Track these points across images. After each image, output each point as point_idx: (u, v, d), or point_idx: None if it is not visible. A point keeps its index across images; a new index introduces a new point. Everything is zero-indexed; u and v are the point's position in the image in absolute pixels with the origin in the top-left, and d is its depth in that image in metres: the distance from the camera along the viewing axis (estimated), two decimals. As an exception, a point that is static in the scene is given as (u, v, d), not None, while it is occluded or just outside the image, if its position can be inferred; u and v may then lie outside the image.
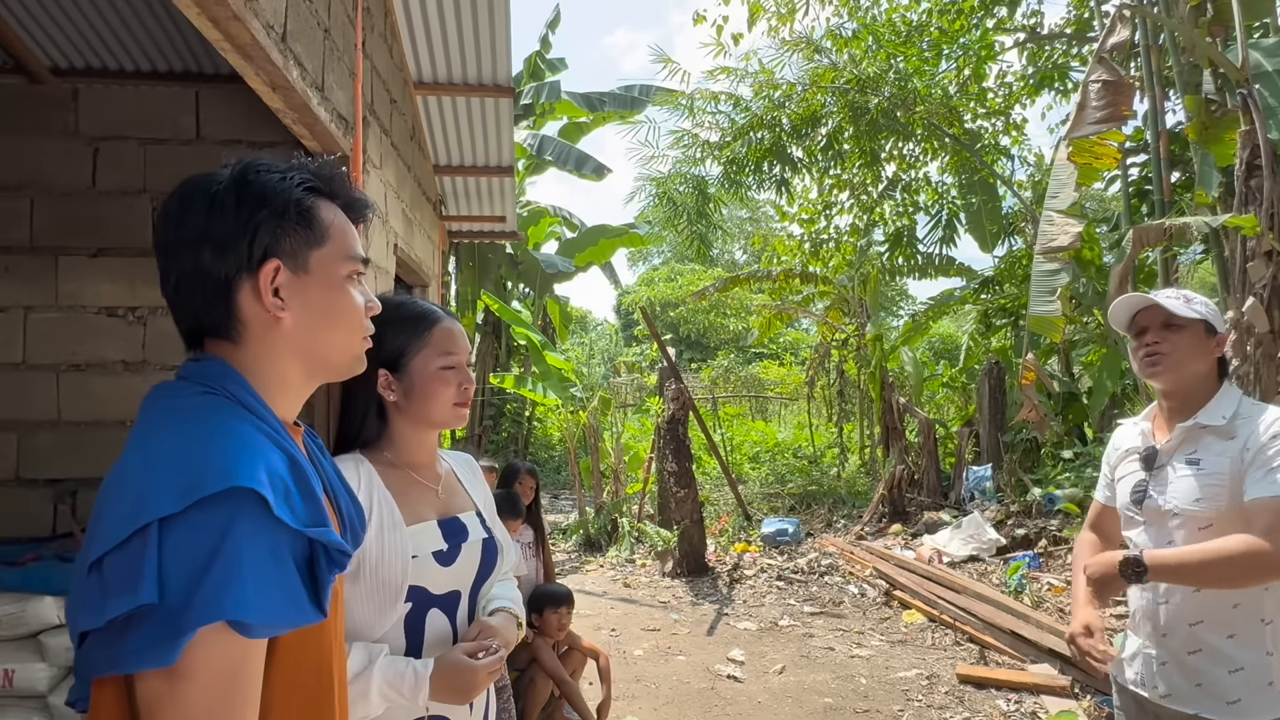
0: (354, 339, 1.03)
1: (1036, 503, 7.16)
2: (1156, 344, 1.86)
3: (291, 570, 0.83)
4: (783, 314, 12.26)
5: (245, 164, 0.98)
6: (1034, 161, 11.73)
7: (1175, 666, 1.81)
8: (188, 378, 0.93)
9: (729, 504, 9.48)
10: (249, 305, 0.94)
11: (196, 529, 0.77)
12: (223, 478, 0.78)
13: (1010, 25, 10.31)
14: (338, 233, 1.01)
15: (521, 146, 11.53)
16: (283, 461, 0.88)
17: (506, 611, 1.53)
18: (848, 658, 4.96)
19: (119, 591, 0.75)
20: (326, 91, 2.99)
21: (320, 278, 0.99)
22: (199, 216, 0.94)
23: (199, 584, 0.75)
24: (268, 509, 0.80)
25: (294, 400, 1.02)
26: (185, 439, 0.83)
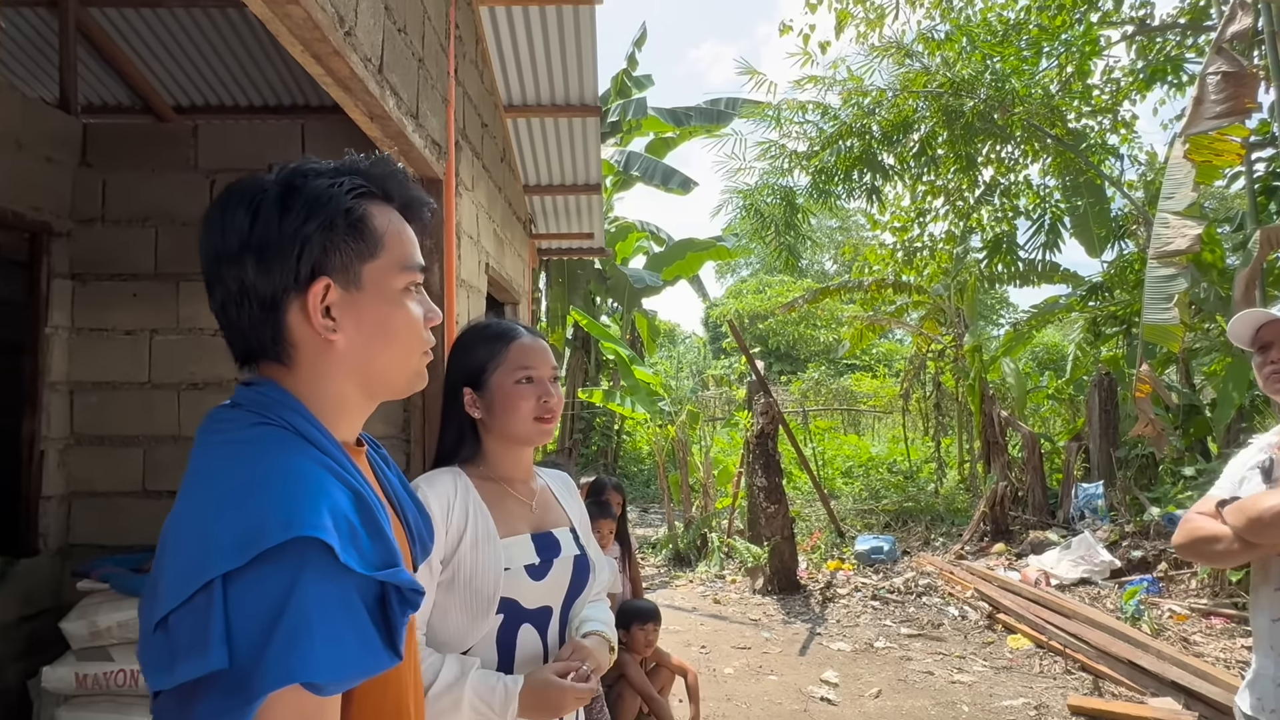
0: (412, 356, 0.96)
1: (1154, 523, 6.70)
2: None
3: (364, 617, 0.77)
4: (875, 325, 11.97)
5: (292, 168, 0.91)
6: (1145, 160, 11.07)
7: None
8: (242, 404, 0.87)
9: (821, 520, 9.28)
10: (299, 326, 0.88)
11: (261, 585, 0.72)
12: (284, 527, 0.73)
13: (1117, 18, 9.81)
14: (393, 241, 0.93)
15: (609, 163, 11.68)
16: (347, 498, 0.82)
17: (599, 635, 1.53)
18: (948, 683, 4.75)
19: (188, 654, 0.71)
20: (421, 119, 3.10)
21: (374, 293, 0.91)
22: (241, 226, 0.86)
23: (267, 645, 0.70)
24: (334, 557, 0.74)
25: (354, 421, 0.96)
26: (243, 483, 0.78)
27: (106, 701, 2.92)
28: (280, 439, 0.84)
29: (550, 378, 1.53)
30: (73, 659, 2.94)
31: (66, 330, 3.61)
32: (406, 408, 3.26)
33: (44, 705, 3.06)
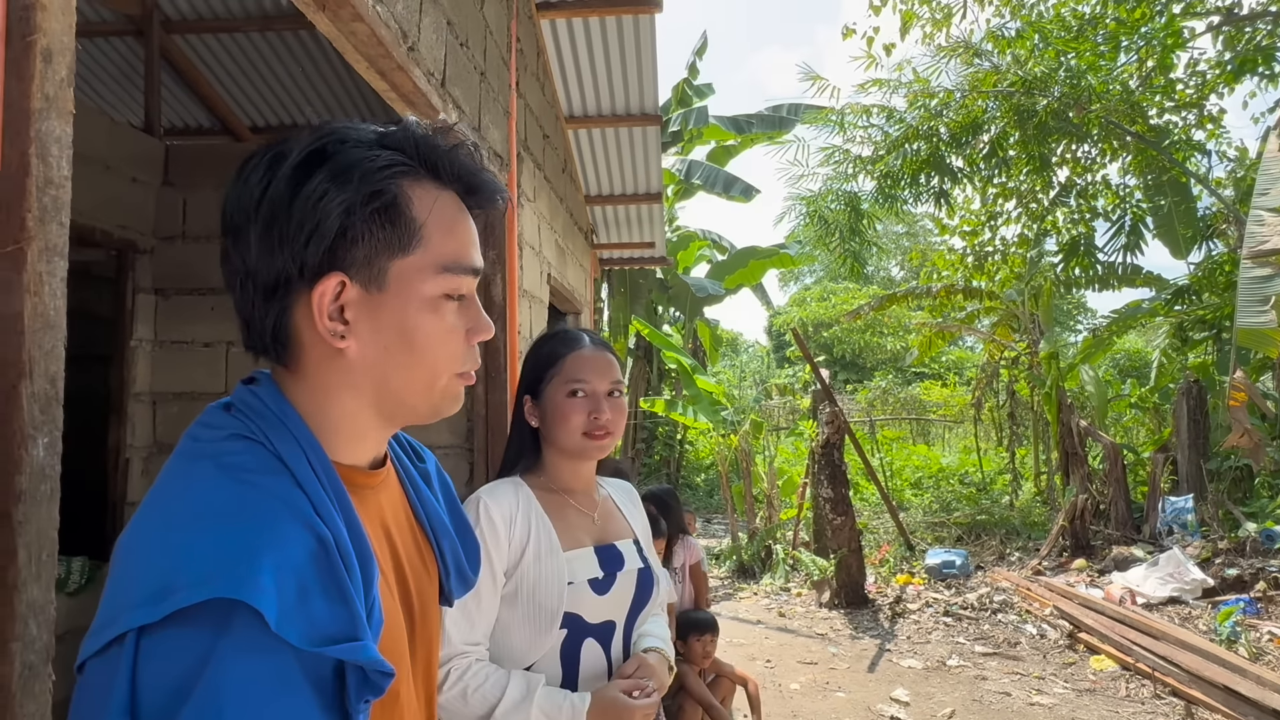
0: (439, 376, 0.77)
1: (1251, 539, 6.32)
2: None
3: (304, 697, 0.61)
4: (944, 332, 11.65)
5: (329, 129, 0.74)
6: (1235, 156, 10.51)
7: None
8: (234, 405, 0.73)
9: (889, 533, 9.04)
10: (304, 324, 0.73)
11: (171, 650, 0.58)
12: (199, 583, 0.58)
13: (1201, 8, 9.36)
14: (435, 233, 0.75)
15: (670, 172, 11.68)
16: (306, 550, 0.64)
17: (658, 653, 1.50)
18: (1026, 705, 4.55)
19: (90, 716, 0.59)
20: (483, 131, 3.14)
21: (400, 296, 0.73)
22: (253, 192, 0.71)
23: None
24: (265, 625, 0.59)
25: (367, 444, 0.79)
26: (179, 513, 0.65)
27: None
28: (250, 461, 0.69)
29: (607, 392, 1.49)
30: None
31: (150, 343, 3.77)
32: (470, 416, 3.30)
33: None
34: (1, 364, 0.99)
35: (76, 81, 1.08)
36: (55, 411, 1.04)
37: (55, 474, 1.05)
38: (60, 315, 1.06)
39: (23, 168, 1.01)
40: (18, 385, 0.99)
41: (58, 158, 1.05)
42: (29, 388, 1.00)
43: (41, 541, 1.03)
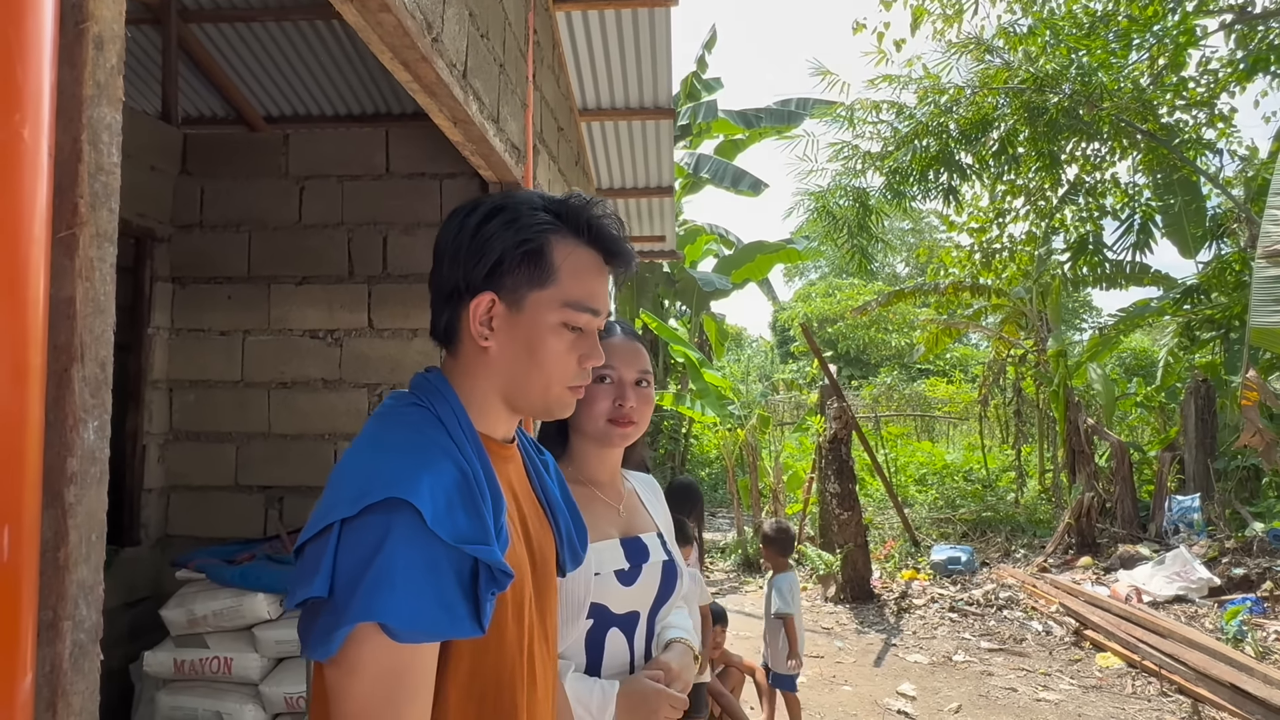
0: (553, 385, 1.02)
1: (1258, 539, 6.33)
2: None
3: (450, 582, 0.85)
4: (951, 329, 11.64)
5: (513, 194, 1.04)
6: (1246, 155, 10.47)
7: None
8: (413, 388, 1.02)
9: (894, 528, 9.06)
10: (465, 325, 1.01)
11: (362, 533, 0.83)
12: (386, 487, 0.84)
13: (1214, 6, 9.32)
14: (567, 277, 1.01)
15: (679, 166, 11.67)
16: (453, 476, 0.90)
17: (684, 644, 1.51)
18: (1033, 701, 4.58)
19: (304, 580, 0.83)
20: (501, 123, 3.15)
21: (532, 318, 1.00)
22: (451, 230, 1.02)
23: (357, 584, 0.81)
24: (422, 521, 0.83)
25: (501, 422, 1.05)
26: (375, 448, 0.92)
27: (202, 686, 3.04)
28: (419, 419, 0.96)
29: (634, 381, 1.49)
30: (171, 645, 3.07)
31: (167, 331, 3.79)
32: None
33: (145, 688, 3.20)
34: (54, 349, 1.00)
35: (95, 70, 1.09)
36: (105, 395, 1.05)
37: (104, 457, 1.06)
38: (110, 300, 1.07)
39: (75, 154, 1.01)
40: (69, 369, 1.00)
41: (108, 144, 1.06)
42: (80, 371, 1.01)
43: (91, 523, 1.04)
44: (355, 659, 0.82)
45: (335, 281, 3.78)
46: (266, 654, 3.04)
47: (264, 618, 3.02)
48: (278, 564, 3.14)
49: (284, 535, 3.41)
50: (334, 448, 3.72)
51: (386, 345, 3.73)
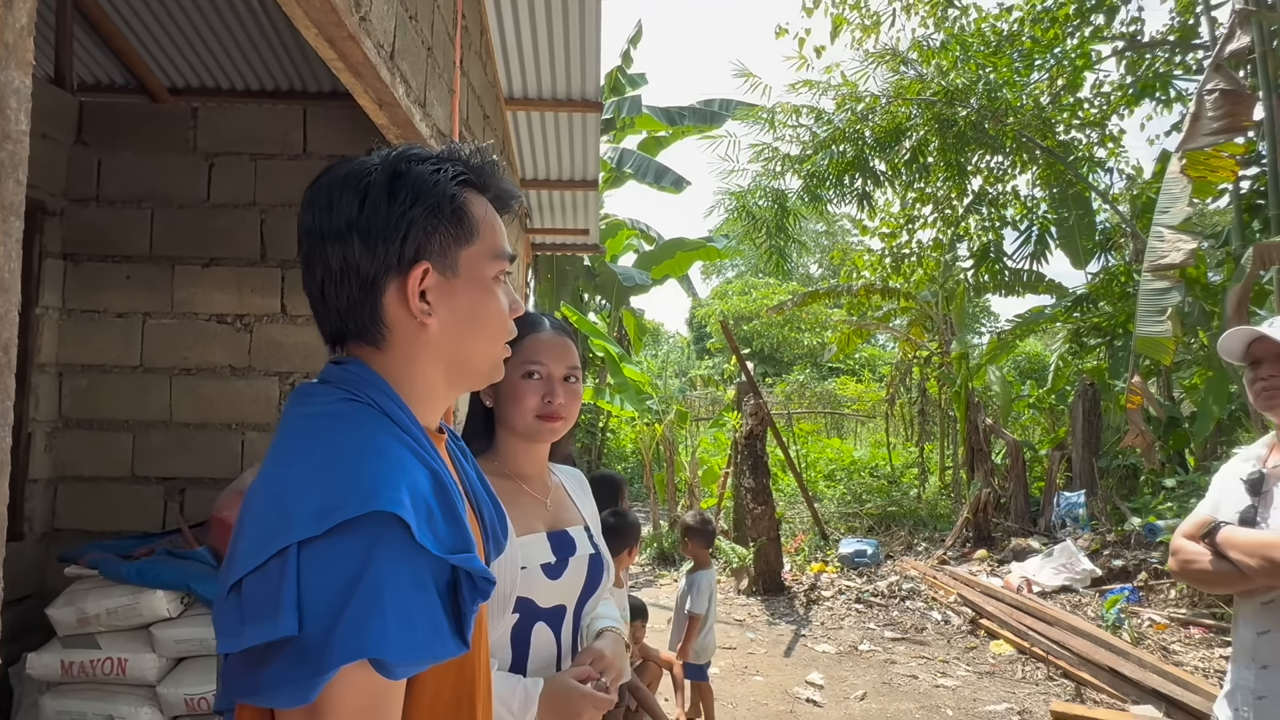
0: (497, 344, 0.97)
1: (1136, 533, 6.79)
2: (1273, 377, 1.81)
3: (435, 600, 0.77)
4: (861, 330, 12.03)
5: (398, 152, 0.93)
6: (1133, 174, 11.21)
7: (1274, 701, 1.74)
8: (330, 381, 0.89)
9: (804, 522, 9.31)
10: (394, 308, 0.89)
11: (336, 555, 0.72)
12: (364, 500, 0.73)
13: (1108, 33, 9.92)
14: (487, 229, 0.94)
15: (602, 160, 11.65)
16: (427, 480, 0.82)
17: (614, 632, 1.51)
18: (932, 687, 4.79)
19: (257, 619, 0.71)
20: (428, 108, 3.08)
21: (468, 279, 0.92)
22: (349, 207, 0.88)
23: (339, 617, 0.70)
24: (410, 535, 0.75)
25: (437, 408, 0.97)
26: (326, 455, 0.79)
27: (92, 690, 2.86)
28: (366, 416, 0.85)
29: (563, 376, 1.49)
30: (58, 646, 2.88)
31: (57, 311, 3.55)
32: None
33: (26, 692, 3.00)
34: (-49, 328, 0.93)
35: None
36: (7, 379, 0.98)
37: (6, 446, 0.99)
38: (15, 278, 1.01)
39: (-22, 119, 0.94)
40: (-32, 350, 0.93)
41: (16, 110, 0.98)
42: (-20, 353, 0.94)
43: (-11, 515, 0.97)
44: (333, 702, 0.72)
45: (246, 264, 3.62)
46: (165, 654, 2.89)
47: (163, 616, 2.86)
48: (179, 559, 2.99)
49: (185, 529, 3.24)
50: (241, 438, 3.56)
51: (301, 332, 3.59)
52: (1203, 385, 7.88)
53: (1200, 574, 1.86)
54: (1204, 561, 1.84)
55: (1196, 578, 1.89)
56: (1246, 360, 1.89)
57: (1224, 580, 1.81)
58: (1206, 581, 1.87)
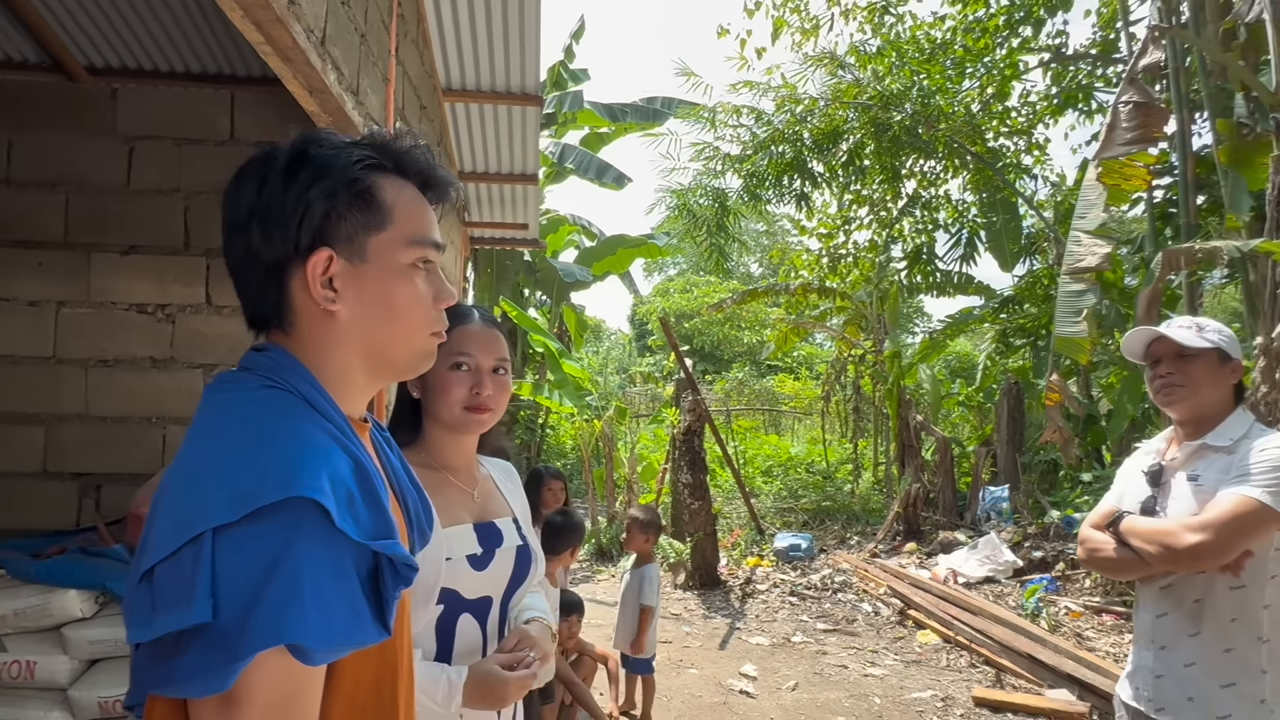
0: (416, 334, 0.93)
1: (1054, 525, 7.09)
2: (1170, 375, 1.91)
3: (355, 586, 0.77)
4: (799, 328, 12.24)
5: (306, 136, 0.91)
6: (1056, 181, 11.67)
7: (1171, 680, 1.85)
8: (250, 368, 0.87)
9: (741, 517, 9.44)
10: (301, 295, 0.88)
11: (253, 542, 0.71)
12: (281, 486, 0.73)
13: (1034, 45, 10.30)
14: (403, 215, 0.91)
15: (543, 154, 11.57)
16: (348, 466, 0.81)
17: (542, 622, 1.52)
18: (861, 676, 4.91)
19: (170, 606, 0.70)
20: (361, 96, 3.02)
21: (379, 266, 0.89)
22: (250, 193, 0.87)
23: (256, 604, 0.69)
24: (329, 521, 0.74)
25: (359, 397, 0.95)
26: (244, 440, 0.77)
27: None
28: (286, 402, 0.84)
29: (491, 369, 1.49)
30: (-40, 649, 2.74)
31: (-39, 298, 3.37)
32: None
33: (-75, 699, 2.85)
34: None
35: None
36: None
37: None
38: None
39: None
40: None
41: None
42: None
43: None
44: (251, 689, 0.70)
45: (169, 253, 3.50)
46: (78, 656, 2.77)
47: (76, 616, 2.75)
48: (93, 557, 2.88)
49: (101, 526, 3.12)
50: (163, 432, 3.45)
51: (226, 323, 3.49)
52: (1118, 384, 8.26)
53: (1105, 561, 1.95)
54: (1109, 550, 1.93)
55: (1102, 565, 1.98)
56: (1147, 359, 1.99)
57: (1126, 567, 1.91)
58: (1111, 568, 1.96)
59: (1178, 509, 1.87)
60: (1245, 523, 1.70)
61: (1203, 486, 1.84)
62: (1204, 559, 1.72)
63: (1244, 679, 1.76)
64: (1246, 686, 1.76)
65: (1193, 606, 1.81)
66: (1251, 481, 1.73)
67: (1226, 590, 1.77)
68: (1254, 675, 1.76)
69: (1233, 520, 1.70)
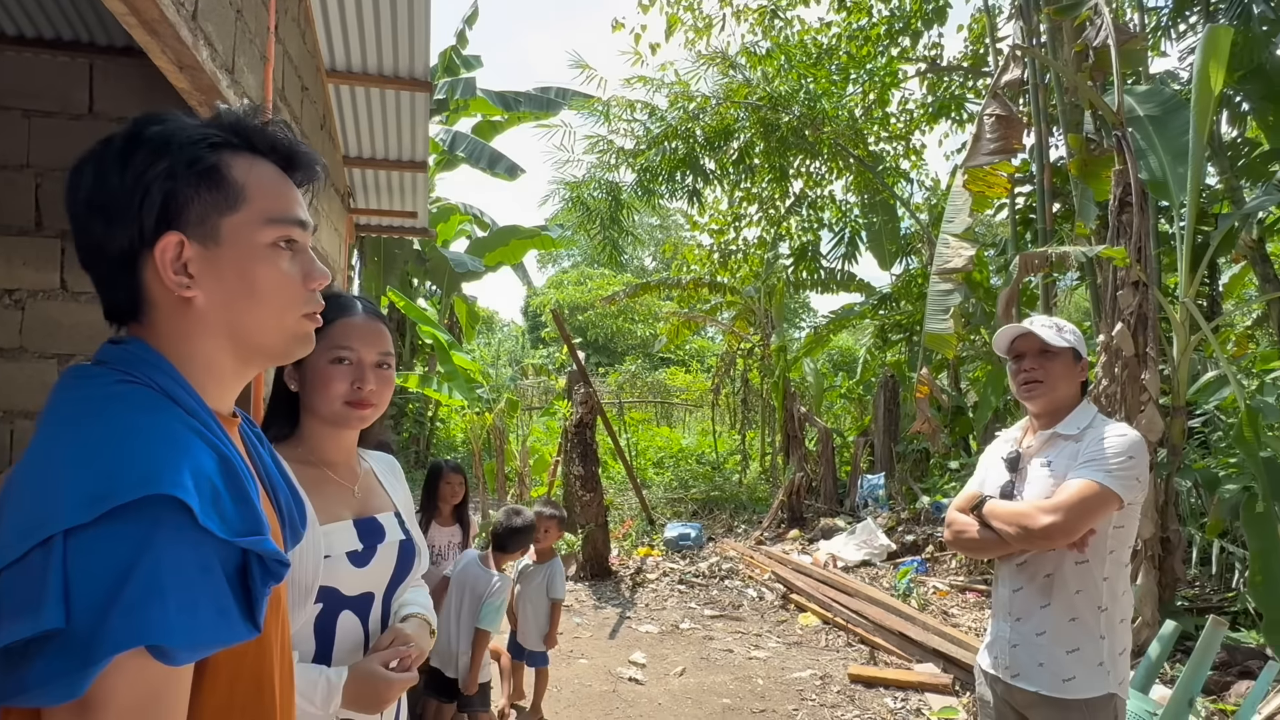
0: (285, 316, 0.90)
1: (925, 510, 7.53)
2: (1033, 370, 2.08)
3: (221, 583, 0.74)
4: (690, 322, 12.47)
5: (143, 116, 0.86)
6: (930, 186, 12.35)
7: (1024, 648, 2.02)
8: (106, 362, 0.83)
9: (633, 509, 9.56)
10: (154, 283, 0.84)
11: (109, 543, 0.68)
12: (140, 483, 0.70)
13: (913, 55, 10.83)
14: (257, 193, 0.87)
15: (434, 141, 11.31)
16: (212, 461, 0.78)
17: (420, 618, 1.51)
18: (746, 659, 5.09)
19: (18, 613, 0.66)
20: (237, 74, 2.88)
21: (235, 248, 0.85)
22: (87, 182, 0.83)
23: (112, 606, 0.66)
24: (192, 518, 0.72)
25: (227, 388, 0.91)
26: (98, 437, 0.73)
27: None
28: (144, 398, 0.79)
29: (374, 363, 1.46)
30: None
31: None
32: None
33: None
34: None
35: None
36: None
37: None
38: None
39: None
40: None
41: None
42: None
43: None
44: (108, 695, 0.67)
45: (17, 233, 3.22)
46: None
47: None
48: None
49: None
50: (10, 427, 3.18)
51: (84, 310, 3.26)
52: (984, 378, 8.84)
53: (969, 542, 2.11)
54: (972, 532, 2.09)
55: (966, 546, 2.14)
56: (1011, 355, 2.17)
57: (987, 547, 2.07)
58: (974, 548, 2.13)
59: (1033, 492, 2.04)
60: (1090, 504, 1.88)
61: (1054, 471, 2.01)
62: (1055, 538, 1.89)
63: (1086, 644, 1.94)
64: (1088, 651, 1.94)
65: (1044, 581, 1.99)
66: (1094, 466, 1.91)
67: (1073, 565, 1.95)
68: (1094, 641, 1.94)
69: (1080, 503, 1.88)
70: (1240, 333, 6.70)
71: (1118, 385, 4.32)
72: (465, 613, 3.32)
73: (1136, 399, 4.28)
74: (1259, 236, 7.25)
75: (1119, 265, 4.42)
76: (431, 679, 3.33)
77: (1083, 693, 1.93)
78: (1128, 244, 4.38)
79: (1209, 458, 5.72)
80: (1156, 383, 4.29)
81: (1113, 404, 4.33)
